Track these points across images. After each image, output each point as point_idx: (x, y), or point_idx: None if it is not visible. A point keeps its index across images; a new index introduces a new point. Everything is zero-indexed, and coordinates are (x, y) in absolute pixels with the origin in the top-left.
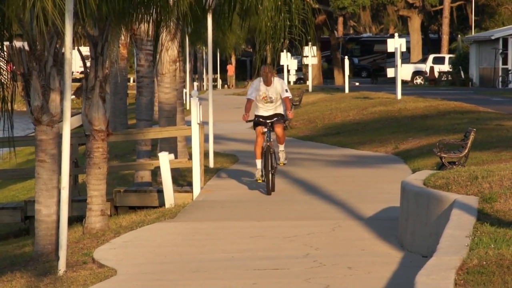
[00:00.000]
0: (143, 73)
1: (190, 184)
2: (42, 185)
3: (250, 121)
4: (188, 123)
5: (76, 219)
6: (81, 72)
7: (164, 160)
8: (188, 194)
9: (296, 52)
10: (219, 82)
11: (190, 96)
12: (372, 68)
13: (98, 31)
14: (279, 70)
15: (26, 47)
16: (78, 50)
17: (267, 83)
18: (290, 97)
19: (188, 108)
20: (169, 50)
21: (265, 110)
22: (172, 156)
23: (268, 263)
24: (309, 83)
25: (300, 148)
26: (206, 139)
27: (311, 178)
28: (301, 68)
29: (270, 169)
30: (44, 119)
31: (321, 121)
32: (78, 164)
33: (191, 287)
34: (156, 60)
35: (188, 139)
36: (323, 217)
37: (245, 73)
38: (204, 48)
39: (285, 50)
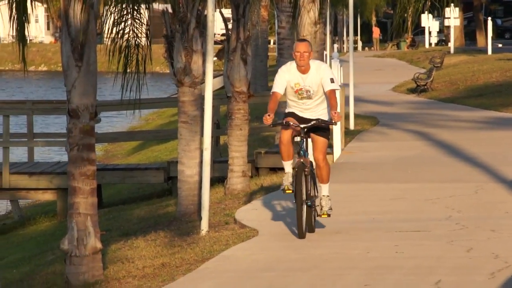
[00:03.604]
0: (284, 35)
1: (330, 146)
2: (184, 146)
3: (276, 124)
4: None
5: (218, 180)
6: (223, 35)
7: None
8: (329, 155)
9: (438, 13)
10: (360, 44)
11: (331, 58)
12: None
13: None
14: (420, 32)
15: (170, 10)
16: (220, 12)
17: (303, 69)
18: (337, 90)
19: None
20: (310, 12)
21: (299, 110)
22: None
23: (409, 225)
24: (451, 45)
25: (442, 110)
26: (346, 101)
27: (453, 140)
28: (443, 30)
29: (304, 199)
30: (186, 81)
31: (463, 83)
32: (220, 126)
33: (333, 248)
34: (296, 21)
35: None
36: (465, 180)
37: (385, 35)
38: (344, 10)
39: (426, 12)
